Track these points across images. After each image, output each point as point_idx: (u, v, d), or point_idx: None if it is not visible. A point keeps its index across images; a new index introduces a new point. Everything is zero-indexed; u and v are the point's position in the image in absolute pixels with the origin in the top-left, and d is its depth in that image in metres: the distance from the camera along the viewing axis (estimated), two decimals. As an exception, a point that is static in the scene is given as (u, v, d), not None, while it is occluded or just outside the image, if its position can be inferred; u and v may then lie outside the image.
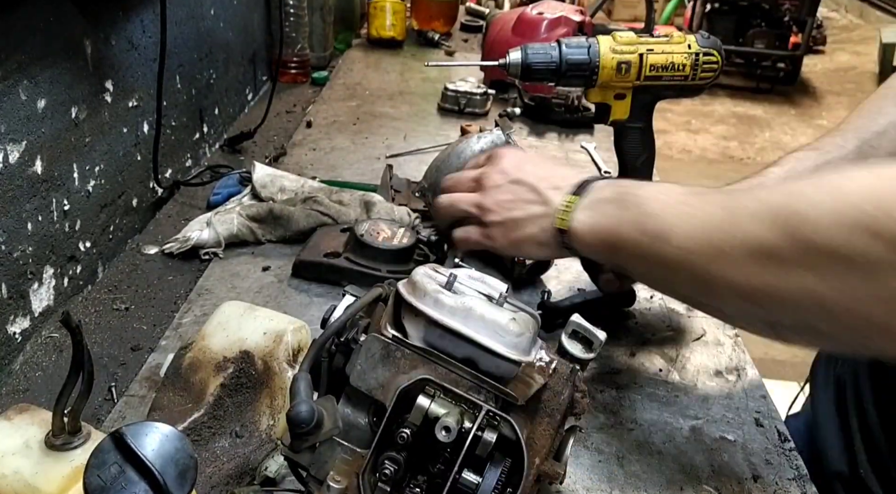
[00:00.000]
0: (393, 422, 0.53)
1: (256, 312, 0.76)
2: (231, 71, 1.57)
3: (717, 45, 1.08)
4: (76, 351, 0.55)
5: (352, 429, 0.56)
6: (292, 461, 0.55)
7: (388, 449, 0.53)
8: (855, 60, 5.82)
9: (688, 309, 1.02)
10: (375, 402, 0.55)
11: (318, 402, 0.52)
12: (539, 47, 1.07)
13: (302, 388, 0.52)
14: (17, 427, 0.58)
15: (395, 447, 0.53)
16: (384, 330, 0.57)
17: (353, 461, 0.55)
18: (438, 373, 0.55)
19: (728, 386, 0.89)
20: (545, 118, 1.66)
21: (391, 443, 0.53)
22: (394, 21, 2.14)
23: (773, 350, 2.60)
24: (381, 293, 0.60)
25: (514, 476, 0.53)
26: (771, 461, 0.78)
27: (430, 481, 0.53)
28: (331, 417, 0.52)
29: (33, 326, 0.89)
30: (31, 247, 0.88)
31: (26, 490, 0.55)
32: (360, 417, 0.56)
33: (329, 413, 0.52)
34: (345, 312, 0.58)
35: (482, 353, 0.55)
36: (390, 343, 0.56)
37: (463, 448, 0.51)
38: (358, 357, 0.56)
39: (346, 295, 0.61)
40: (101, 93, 1.02)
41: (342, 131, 1.57)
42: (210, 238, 1.07)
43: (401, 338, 0.56)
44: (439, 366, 0.55)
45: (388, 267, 0.99)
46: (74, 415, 0.57)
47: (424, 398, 0.53)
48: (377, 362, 0.56)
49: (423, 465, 0.54)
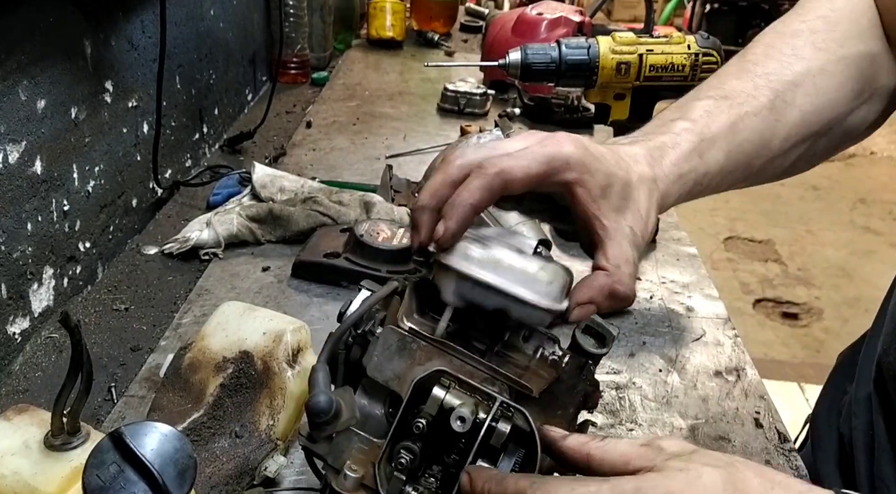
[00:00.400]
0: (409, 413, 0.54)
1: (256, 312, 0.76)
2: (231, 71, 1.57)
3: (717, 45, 1.08)
4: (75, 351, 0.55)
5: (368, 419, 0.57)
6: (309, 450, 0.55)
7: (404, 439, 0.54)
8: (854, 61, 5.84)
9: (687, 309, 1.02)
10: (391, 393, 0.56)
11: (336, 393, 0.53)
12: (539, 48, 1.07)
13: (320, 379, 0.53)
14: (16, 428, 0.58)
15: (410, 437, 0.53)
16: (401, 323, 0.58)
17: (370, 450, 0.55)
18: (454, 365, 0.56)
19: (728, 386, 0.89)
20: (545, 118, 1.66)
21: (407, 433, 0.53)
22: (393, 21, 2.14)
23: (773, 350, 2.60)
24: (397, 286, 0.61)
25: (527, 466, 0.54)
26: (771, 461, 0.78)
27: (445, 470, 0.54)
28: (348, 407, 0.53)
29: (33, 327, 0.89)
30: (31, 248, 0.88)
31: (25, 490, 0.55)
32: (377, 407, 0.57)
33: (346, 404, 0.53)
34: (362, 305, 0.59)
35: (512, 303, 0.56)
36: (406, 335, 0.57)
37: (477, 438, 0.52)
38: (375, 348, 0.57)
39: (363, 289, 0.61)
40: (101, 93, 1.02)
41: (342, 131, 1.57)
42: (210, 238, 1.07)
43: (417, 331, 0.57)
44: (455, 358, 0.56)
45: (388, 267, 0.98)
46: (73, 415, 0.57)
47: (440, 389, 0.54)
48: (393, 353, 0.57)
49: (439, 455, 0.54)
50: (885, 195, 3.79)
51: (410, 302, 0.60)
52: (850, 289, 2.90)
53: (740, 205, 3.63)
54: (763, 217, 3.51)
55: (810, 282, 3.00)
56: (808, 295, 2.90)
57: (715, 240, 3.29)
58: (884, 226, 3.48)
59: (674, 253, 1.16)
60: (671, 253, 1.16)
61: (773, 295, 2.91)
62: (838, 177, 3.99)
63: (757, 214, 3.54)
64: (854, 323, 2.70)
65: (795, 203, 3.67)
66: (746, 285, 2.98)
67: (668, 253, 1.16)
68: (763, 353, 2.55)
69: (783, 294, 2.92)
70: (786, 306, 2.84)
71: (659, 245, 1.18)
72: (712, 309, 1.03)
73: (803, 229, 3.43)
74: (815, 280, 3.01)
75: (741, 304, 2.84)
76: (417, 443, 0.53)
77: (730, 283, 2.95)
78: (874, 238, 3.34)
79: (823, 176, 3.97)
